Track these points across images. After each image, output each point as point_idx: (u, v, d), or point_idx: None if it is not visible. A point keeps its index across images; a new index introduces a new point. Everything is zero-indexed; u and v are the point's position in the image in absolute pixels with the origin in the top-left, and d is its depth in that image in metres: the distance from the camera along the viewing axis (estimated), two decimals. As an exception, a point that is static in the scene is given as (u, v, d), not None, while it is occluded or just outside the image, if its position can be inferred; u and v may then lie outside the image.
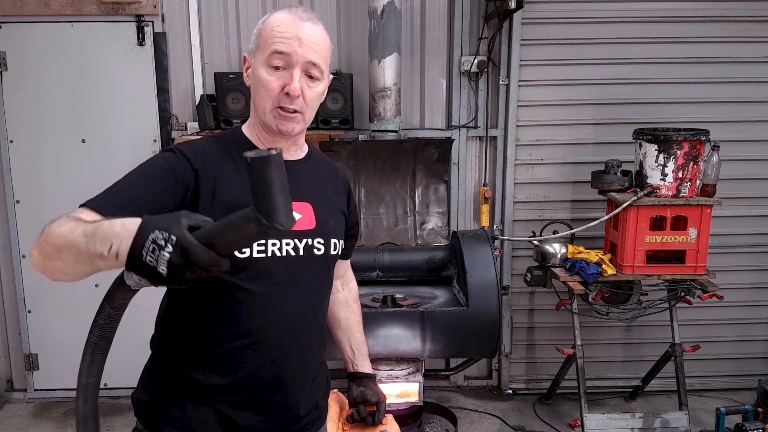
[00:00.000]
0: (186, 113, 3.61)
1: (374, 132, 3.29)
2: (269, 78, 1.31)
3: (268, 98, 1.32)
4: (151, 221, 0.97)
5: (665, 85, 3.62)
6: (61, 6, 3.42)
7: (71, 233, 1.04)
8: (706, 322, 3.85)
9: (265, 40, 1.31)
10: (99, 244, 1.00)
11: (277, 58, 1.30)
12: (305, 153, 1.50)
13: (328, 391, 1.61)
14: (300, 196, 1.36)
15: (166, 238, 0.94)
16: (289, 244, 1.34)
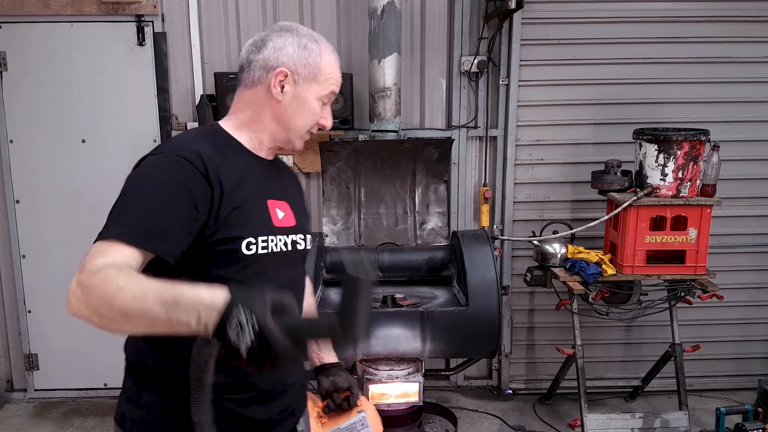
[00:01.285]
0: (186, 113, 3.61)
1: (374, 132, 3.29)
2: (318, 110, 1.41)
3: (308, 125, 1.41)
4: (237, 297, 1.02)
5: (665, 85, 3.62)
6: (61, 6, 3.42)
7: (143, 300, 1.04)
8: (706, 322, 3.85)
9: (326, 78, 1.39)
10: (184, 314, 1.02)
11: (330, 98, 1.42)
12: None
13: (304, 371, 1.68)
14: (281, 195, 1.45)
15: (250, 320, 0.99)
16: (281, 240, 1.39)
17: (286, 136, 1.42)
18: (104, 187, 2.75)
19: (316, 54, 1.38)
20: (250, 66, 1.39)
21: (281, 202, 1.43)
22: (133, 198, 1.23)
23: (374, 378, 2.79)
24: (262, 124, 1.41)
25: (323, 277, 3.20)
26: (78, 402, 3.79)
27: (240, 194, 1.32)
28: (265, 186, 1.41)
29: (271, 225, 1.37)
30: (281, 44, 1.37)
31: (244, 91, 1.41)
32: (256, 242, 1.32)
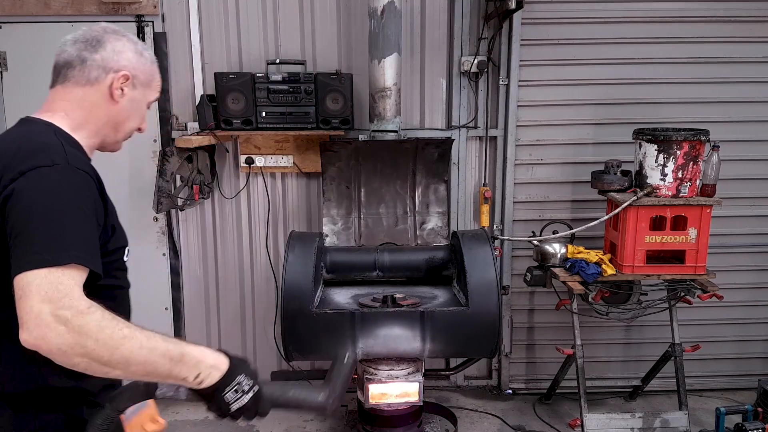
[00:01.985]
0: (186, 113, 3.62)
1: (374, 132, 3.29)
2: (145, 114, 1.48)
3: (135, 127, 1.46)
4: (239, 365, 1.21)
5: (665, 85, 3.62)
6: (61, 6, 3.42)
7: (150, 353, 1.11)
8: (706, 322, 3.86)
9: (156, 85, 1.47)
10: (185, 370, 1.14)
11: (152, 103, 1.49)
12: None
13: None
14: None
15: (252, 386, 1.20)
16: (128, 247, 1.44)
17: (115, 137, 1.44)
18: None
19: (150, 62, 1.44)
20: (84, 64, 1.36)
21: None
22: (63, 215, 1.16)
23: (374, 378, 2.79)
24: (95, 126, 1.39)
25: (323, 277, 3.20)
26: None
27: (110, 203, 1.33)
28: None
29: (124, 233, 1.41)
30: (120, 48, 1.38)
31: (73, 88, 1.37)
32: (128, 249, 1.41)
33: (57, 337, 1.05)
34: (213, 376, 1.17)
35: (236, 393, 1.18)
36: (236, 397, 1.18)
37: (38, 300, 1.06)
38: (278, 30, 3.56)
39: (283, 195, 3.76)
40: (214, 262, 3.81)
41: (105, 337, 1.07)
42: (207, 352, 1.19)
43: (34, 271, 1.08)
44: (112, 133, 1.42)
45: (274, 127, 3.42)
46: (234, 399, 1.18)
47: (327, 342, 2.75)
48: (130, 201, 3.65)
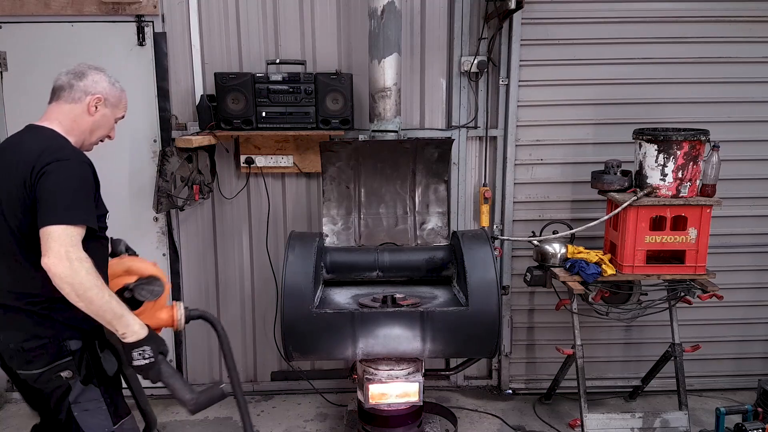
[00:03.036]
0: (186, 113, 3.62)
1: (374, 132, 3.29)
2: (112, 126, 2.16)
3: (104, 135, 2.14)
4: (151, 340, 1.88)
5: (665, 85, 3.63)
6: (61, 6, 3.42)
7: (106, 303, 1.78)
8: (706, 322, 3.86)
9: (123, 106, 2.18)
10: (118, 325, 1.82)
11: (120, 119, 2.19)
12: None
13: None
14: None
15: (151, 357, 1.87)
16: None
17: (90, 140, 2.09)
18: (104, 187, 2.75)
19: (119, 90, 2.15)
20: (72, 88, 2.03)
21: None
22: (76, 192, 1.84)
23: (374, 378, 2.79)
24: (78, 131, 2.04)
25: (323, 277, 3.20)
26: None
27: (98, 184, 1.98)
28: None
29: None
30: (98, 79, 2.07)
31: (63, 105, 2.03)
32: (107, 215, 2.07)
33: (63, 268, 1.73)
34: (131, 338, 1.83)
35: (139, 355, 1.83)
36: (138, 357, 1.82)
37: (59, 243, 1.74)
38: (278, 30, 3.57)
39: (283, 195, 3.76)
40: (214, 262, 3.81)
41: (86, 281, 1.74)
42: (137, 322, 1.85)
43: (57, 226, 1.76)
44: (89, 137, 2.08)
45: (274, 127, 3.42)
46: (136, 358, 1.83)
47: (327, 342, 2.75)
48: (130, 201, 3.65)
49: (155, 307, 2.05)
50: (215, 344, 3.89)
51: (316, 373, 3.95)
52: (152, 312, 2.05)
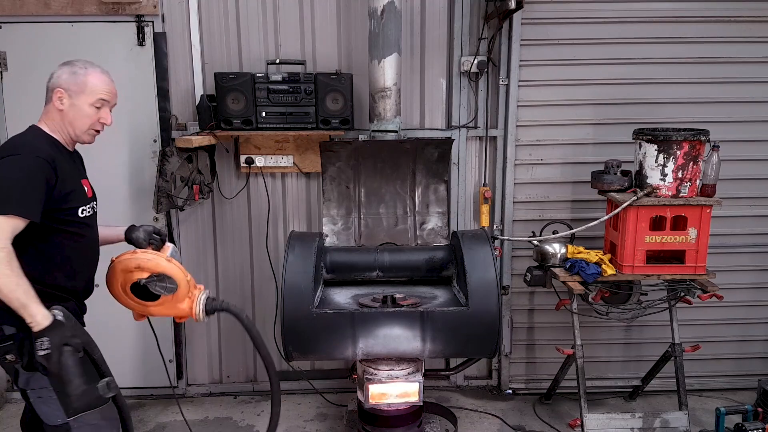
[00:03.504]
0: (186, 113, 3.62)
1: (374, 132, 3.29)
2: (92, 113, 2.14)
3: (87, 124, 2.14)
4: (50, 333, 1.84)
5: (665, 85, 3.63)
6: (61, 6, 3.42)
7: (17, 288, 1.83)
8: (706, 322, 3.86)
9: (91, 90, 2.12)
10: (25, 315, 1.84)
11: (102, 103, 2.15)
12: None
13: None
14: (84, 175, 2.26)
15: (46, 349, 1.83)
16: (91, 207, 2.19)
17: (74, 133, 2.14)
18: (104, 187, 2.75)
19: (83, 75, 2.12)
20: (47, 88, 2.13)
21: (86, 180, 2.22)
22: (16, 185, 1.90)
23: (374, 378, 2.79)
24: (61, 126, 2.13)
25: (323, 277, 3.20)
26: (78, 402, 3.78)
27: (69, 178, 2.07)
28: (76, 170, 2.20)
29: (86, 197, 2.16)
30: (59, 74, 2.12)
31: (47, 104, 2.13)
32: (84, 209, 2.12)
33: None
34: (35, 328, 1.85)
35: (39, 345, 1.83)
36: (38, 347, 1.83)
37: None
38: (278, 30, 3.56)
39: (283, 195, 3.76)
40: (214, 262, 3.81)
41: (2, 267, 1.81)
42: (42, 313, 1.85)
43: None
44: (72, 130, 2.13)
45: (274, 127, 3.42)
46: (37, 348, 1.84)
47: (327, 342, 2.75)
48: (130, 201, 3.65)
49: (174, 299, 2.07)
50: (215, 344, 3.89)
51: (316, 373, 3.95)
52: (172, 304, 2.08)
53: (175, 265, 2.09)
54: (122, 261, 2.07)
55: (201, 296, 2.12)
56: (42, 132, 2.11)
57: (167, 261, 2.09)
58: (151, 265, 2.06)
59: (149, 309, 2.14)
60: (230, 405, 3.82)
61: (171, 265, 2.08)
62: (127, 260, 2.07)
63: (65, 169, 2.06)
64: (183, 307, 2.09)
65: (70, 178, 2.07)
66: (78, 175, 2.17)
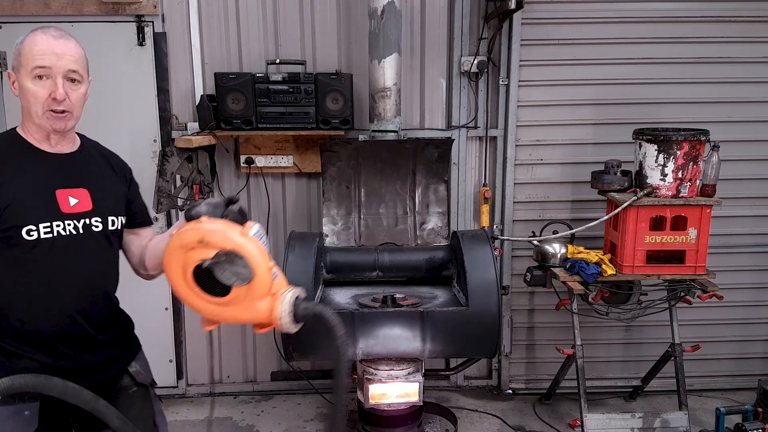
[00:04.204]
0: (186, 113, 3.62)
1: (374, 132, 3.29)
2: (35, 89, 1.61)
3: (38, 104, 1.63)
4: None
5: (665, 85, 3.63)
6: (61, 6, 3.42)
7: None
8: (706, 322, 3.86)
9: (26, 58, 1.61)
10: None
11: (41, 72, 1.61)
12: (78, 146, 1.80)
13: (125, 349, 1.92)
14: (76, 183, 1.72)
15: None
16: (70, 224, 1.67)
17: (36, 122, 1.66)
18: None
19: (20, 44, 1.63)
20: None
21: (76, 190, 1.70)
22: None
23: (374, 378, 2.79)
24: (24, 115, 1.69)
25: (323, 277, 3.20)
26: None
27: (18, 186, 1.61)
28: (53, 177, 1.68)
29: (53, 211, 1.65)
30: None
31: None
32: (41, 228, 1.62)
33: None
34: None
35: None
36: None
37: None
38: (278, 30, 3.56)
39: (283, 195, 3.76)
40: (214, 262, 3.80)
41: None
42: None
43: None
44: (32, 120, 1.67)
45: (274, 127, 3.42)
46: None
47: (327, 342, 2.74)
48: (130, 201, 3.65)
49: (250, 294, 1.44)
50: (215, 344, 3.89)
51: (316, 373, 3.95)
52: (247, 301, 1.45)
53: (253, 244, 1.45)
54: (183, 233, 1.48)
55: (287, 294, 1.47)
56: (9, 132, 1.74)
57: (242, 236, 1.45)
58: (218, 238, 1.43)
59: (218, 307, 1.51)
60: (230, 405, 3.82)
61: (246, 241, 1.44)
62: (189, 231, 1.47)
63: (14, 175, 1.63)
64: (262, 307, 1.46)
65: (19, 186, 1.62)
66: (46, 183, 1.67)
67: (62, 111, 1.64)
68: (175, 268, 1.47)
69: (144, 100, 3.56)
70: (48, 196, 1.65)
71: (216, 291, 1.44)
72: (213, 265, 1.41)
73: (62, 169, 1.71)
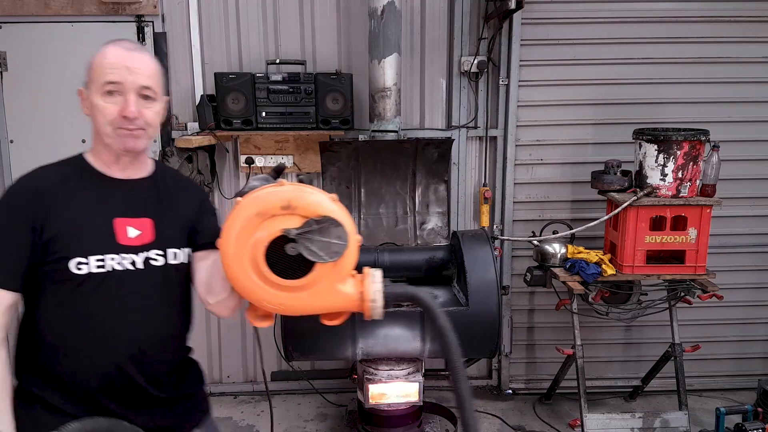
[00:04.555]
0: (186, 113, 3.61)
1: (374, 132, 3.29)
2: (105, 105, 1.46)
3: (106, 123, 1.46)
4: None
5: (665, 85, 3.63)
6: (61, 6, 3.42)
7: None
8: (706, 322, 3.86)
9: (97, 72, 1.47)
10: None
11: (112, 87, 1.45)
12: (149, 171, 1.60)
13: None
14: (141, 212, 1.52)
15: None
16: (126, 258, 1.47)
17: (106, 142, 1.49)
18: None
19: (91, 60, 1.50)
20: None
21: (138, 219, 1.50)
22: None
23: (374, 378, 2.79)
24: (96, 142, 1.53)
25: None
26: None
27: (75, 214, 1.44)
28: (113, 205, 1.49)
29: (107, 242, 1.45)
30: None
31: None
32: (92, 261, 1.42)
33: None
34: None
35: None
36: None
37: None
38: (278, 30, 3.56)
39: (283, 195, 3.76)
40: (214, 262, 3.80)
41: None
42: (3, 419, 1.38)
43: None
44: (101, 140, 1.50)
45: (274, 127, 3.42)
46: None
47: (327, 342, 2.75)
48: (130, 201, 3.65)
49: (334, 273, 1.22)
50: (215, 344, 3.89)
51: (316, 373, 3.95)
52: (330, 283, 1.22)
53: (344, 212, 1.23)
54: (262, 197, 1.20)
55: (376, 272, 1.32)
56: (75, 156, 1.56)
57: (333, 197, 1.23)
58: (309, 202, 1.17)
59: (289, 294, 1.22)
60: (230, 405, 3.82)
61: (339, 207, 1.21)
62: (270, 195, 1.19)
63: (69, 200, 1.45)
64: (346, 291, 1.24)
65: (73, 212, 1.44)
66: (104, 211, 1.47)
67: (130, 131, 1.47)
68: (242, 242, 1.18)
69: (144, 100, 3.55)
70: (104, 226, 1.45)
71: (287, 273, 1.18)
72: (299, 235, 1.16)
73: (126, 196, 1.51)
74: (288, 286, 1.19)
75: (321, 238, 1.15)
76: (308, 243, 1.15)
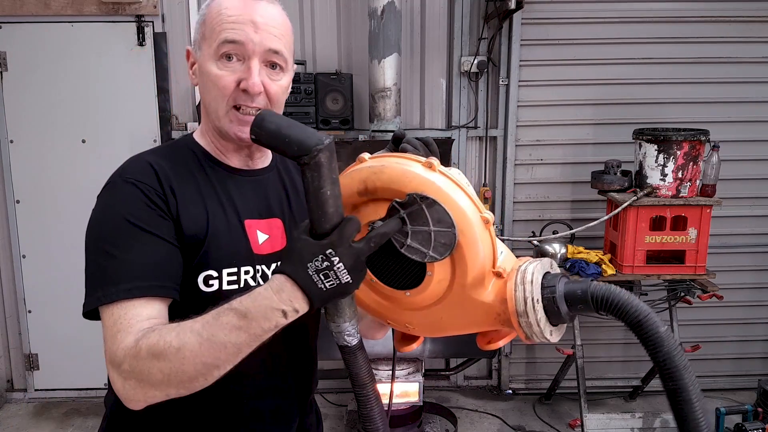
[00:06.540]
0: (186, 113, 3.61)
1: (374, 132, 3.29)
2: (218, 73, 1.07)
3: (221, 97, 1.09)
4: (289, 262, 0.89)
5: (665, 85, 3.62)
6: (61, 6, 3.42)
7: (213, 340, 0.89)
8: (706, 322, 3.85)
9: (212, 28, 1.07)
10: (264, 322, 0.88)
11: (229, 48, 1.06)
12: (270, 159, 1.24)
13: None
14: (267, 211, 1.17)
15: (325, 257, 0.86)
16: (259, 271, 1.13)
17: (215, 125, 1.12)
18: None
19: (205, 10, 1.10)
20: None
21: (266, 221, 1.16)
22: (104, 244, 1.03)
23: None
24: (204, 122, 1.16)
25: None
26: (78, 402, 3.79)
27: (193, 220, 1.07)
28: (241, 204, 1.14)
29: (250, 252, 1.12)
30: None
31: None
32: (219, 275, 1.08)
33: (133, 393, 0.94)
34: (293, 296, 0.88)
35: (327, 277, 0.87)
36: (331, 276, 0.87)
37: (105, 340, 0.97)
38: (278, 30, 3.56)
39: (283, 195, 3.76)
40: (214, 262, 3.81)
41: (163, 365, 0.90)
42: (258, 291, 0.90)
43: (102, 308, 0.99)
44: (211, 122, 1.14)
45: (274, 127, 3.41)
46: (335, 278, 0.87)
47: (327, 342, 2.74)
48: (130, 201, 3.65)
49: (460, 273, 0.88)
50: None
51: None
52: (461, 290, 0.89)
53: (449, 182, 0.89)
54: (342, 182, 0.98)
55: (529, 268, 0.86)
56: (185, 139, 1.19)
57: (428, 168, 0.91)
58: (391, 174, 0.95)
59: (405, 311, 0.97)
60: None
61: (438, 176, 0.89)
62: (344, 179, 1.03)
63: (193, 196, 1.09)
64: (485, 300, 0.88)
65: (198, 215, 1.08)
66: (234, 212, 1.12)
67: (248, 108, 1.09)
68: None
69: (144, 100, 3.55)
70: (236, 231, 1.11)
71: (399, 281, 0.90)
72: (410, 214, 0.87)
73: (252, 191, 1.17)
74: (408, 300, 0.90)
75: (418, 227, 0.84)
76: (402, 236, 0.86)
